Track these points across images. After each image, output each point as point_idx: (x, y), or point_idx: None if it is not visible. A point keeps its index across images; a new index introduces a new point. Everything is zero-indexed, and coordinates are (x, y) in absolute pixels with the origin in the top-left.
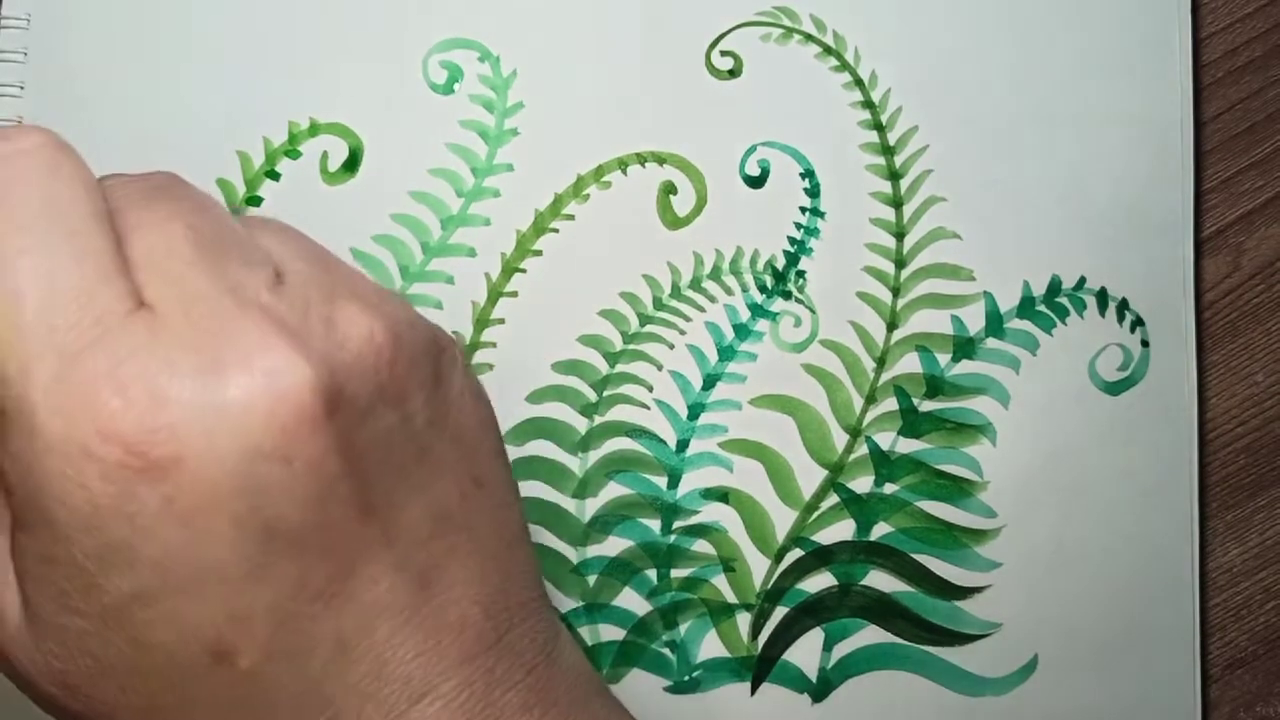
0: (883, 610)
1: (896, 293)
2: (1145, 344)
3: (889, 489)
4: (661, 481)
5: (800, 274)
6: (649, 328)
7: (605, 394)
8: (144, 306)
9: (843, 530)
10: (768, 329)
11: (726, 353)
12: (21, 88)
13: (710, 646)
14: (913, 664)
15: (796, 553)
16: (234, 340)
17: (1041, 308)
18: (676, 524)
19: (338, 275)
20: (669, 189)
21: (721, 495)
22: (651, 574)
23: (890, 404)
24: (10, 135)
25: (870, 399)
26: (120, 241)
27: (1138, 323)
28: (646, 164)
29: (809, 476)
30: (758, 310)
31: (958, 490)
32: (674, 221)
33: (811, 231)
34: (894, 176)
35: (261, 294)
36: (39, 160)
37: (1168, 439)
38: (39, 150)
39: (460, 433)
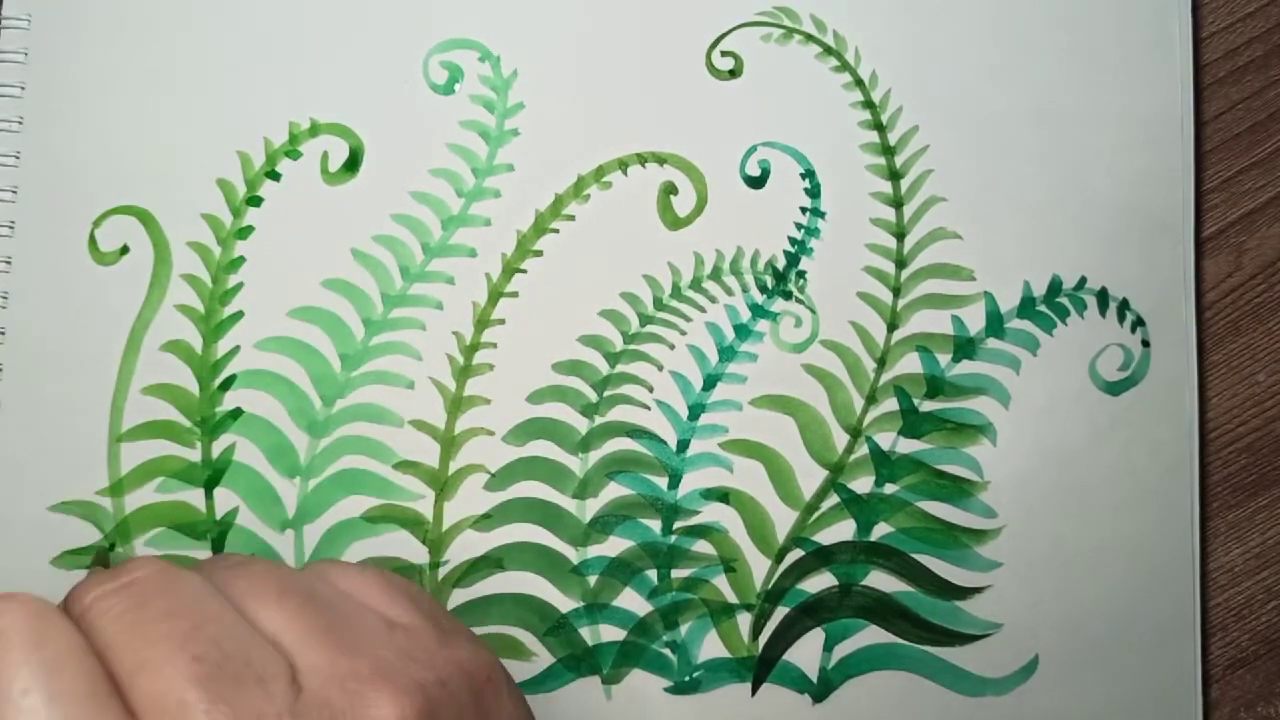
0: (883, 610)
1: (897, 293)
2: (1146, 344)
3: (889, 489)
4: (662, 482)
5: (801, 274)
6: (649, 328)
7: (606, 394)
8: None
9: (843, 530)
10: (768, 329)
11: (727, 353)
12: (22, 88)
13: (711, 647)
14: (913, 664)
15: (797, 553)
16: None
17: (1042, 308)
18: (677, 524)
19: (348, 644)
20: (669, 189)
21: (722, 495)
22: (652, 574)
23: (891, 404)
24: None
25: (871, 399)
26: (122, 689)
27: (1138, 323)
28: (646, 164)
29: (809, 477)
30: (758, 310)
31: (958, 490)
32: (674, 221)
33: (812, 231)
34: (894, 176)
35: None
36: (19, 641)
37: (1168, 439)
38: (17, 631)
39: None
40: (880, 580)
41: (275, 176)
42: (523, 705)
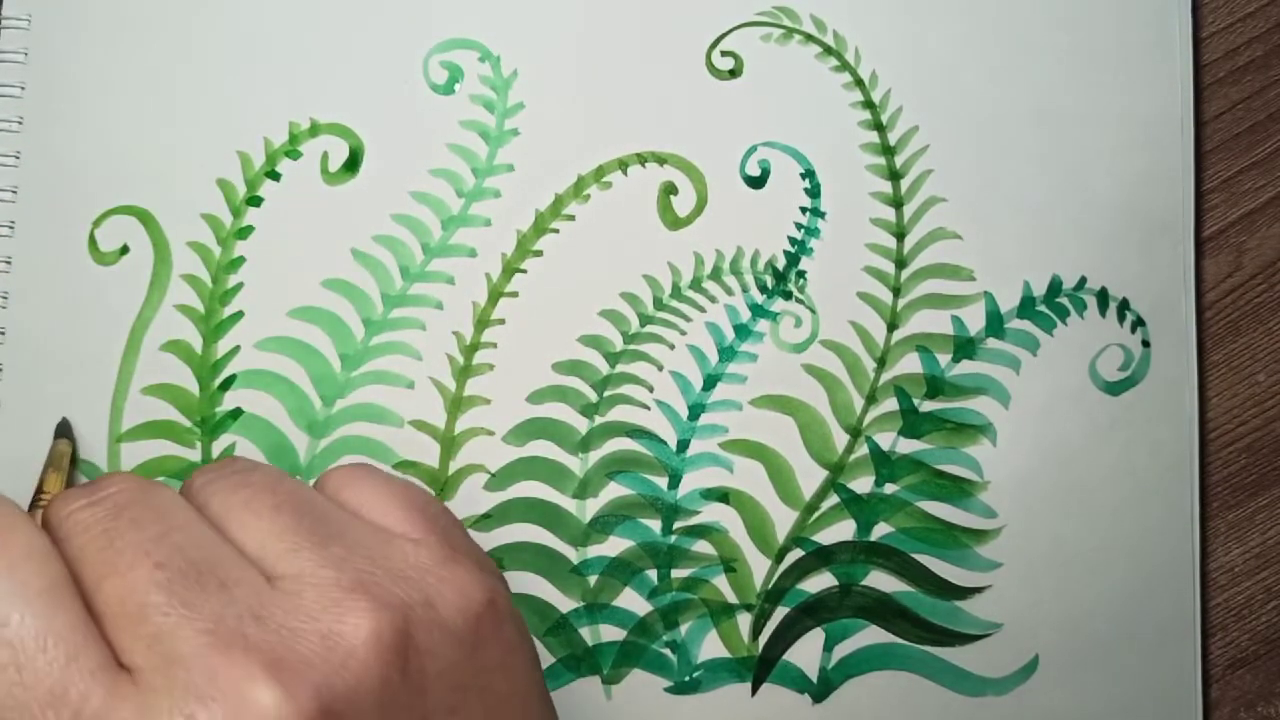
0: (883, 610)
1: (897, 293)
2: (1146, 344)
3: (889, 489)
4: (662, 482)
5: (801, 274)
6: (649, 328)
7: (606, 394)
8: (124, 670)
9: (843, 530)
10: (768, 329)
11: (727, 353)
12: (22, 88)
13: (711, 647)
14: (913, 664)
15: (797, 553)
16: (221, 694)
17: (1042, 308)
18: (677, 524)
19: (336, 557)
20: (669, 189)
21: (722, 495)
22: (652, 574)
23: (891, 404)
24: None
25: (871, 399)
26: (88, 595)
27: (1138, 323)
28: (646, 164)
29: (809, 477)
30: (758, 310)
31: (958, 490)
32: (674, 221)
33: (812, 231)
34: (894, 176)
35: (246, 624)
36: None
37: (1168, 439)
38: None
39: (496, 706)
40: (880, 580)
41: (275, 176)
42: (526, 639)
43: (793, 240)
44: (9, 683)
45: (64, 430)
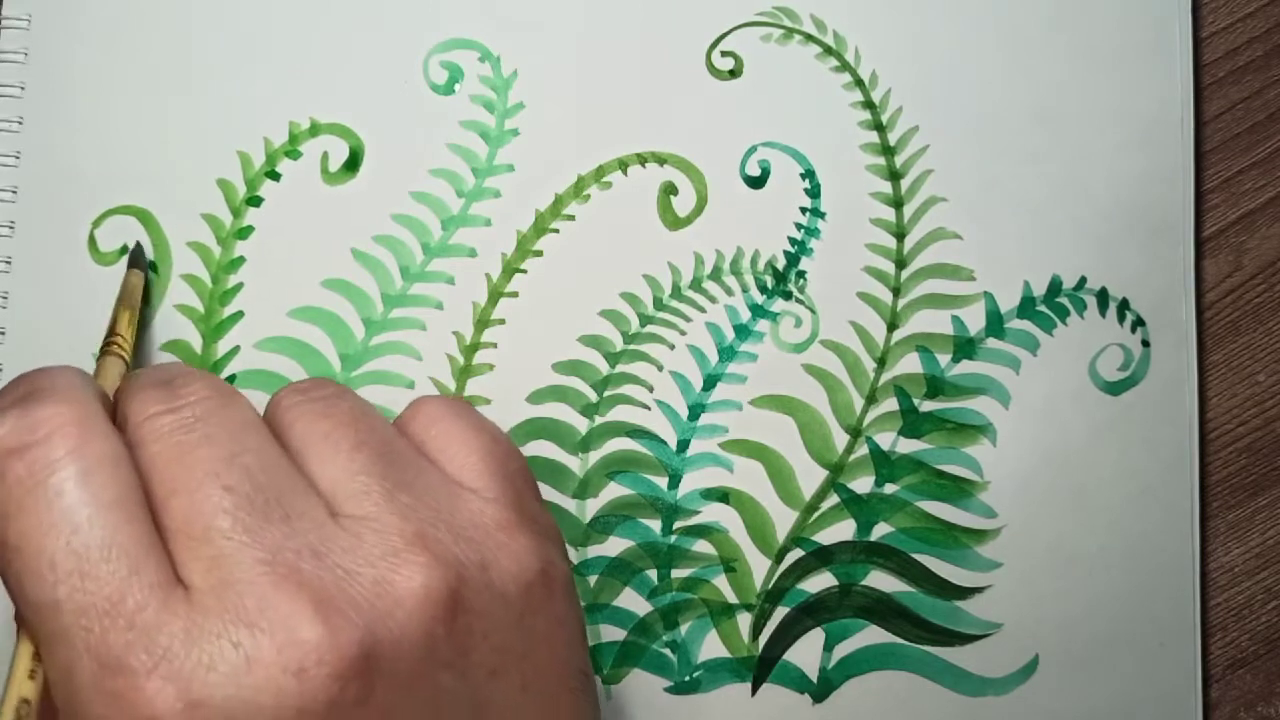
0: (883, 610)
1: (897, 293)
2: (1146, 344)
3: (889, 489)
4: (662, 482)
5: (801, 274)
6: (649, 328)
7: (606, 394)
8: (181, 586)
9: (843, 530)
10: (768, 329)
11: (727, 353)
12: (22, 88)
13: (711, 647)
14: (913, 664)
15: (797, 553)
16: (268, 624)
17: (1042, 308)
18: (677, 524)
19: (403, 505)
20: (669, 189)
21: (722, 495)
22: (652, 574)
23: (891, 404)
24: (29, 416)
25: (871, 399)
26: (157, 507)
27: (1138, 323)
28: (646, 164)
29: (809, 477)
30: (758, 310)
31: (958, 490)
32: (674, 222)
33: (812, 232)
34: (894, 176)
35: (304, 558)
36: (60, 450)
37: (1168, 439)
38: (59, 437)
39: (536, 675)
40: (880, 580)
41: (275, 176)
42: (576, 613)
43: (793, 240)
44: (72, 588)
45: (136, 259)
